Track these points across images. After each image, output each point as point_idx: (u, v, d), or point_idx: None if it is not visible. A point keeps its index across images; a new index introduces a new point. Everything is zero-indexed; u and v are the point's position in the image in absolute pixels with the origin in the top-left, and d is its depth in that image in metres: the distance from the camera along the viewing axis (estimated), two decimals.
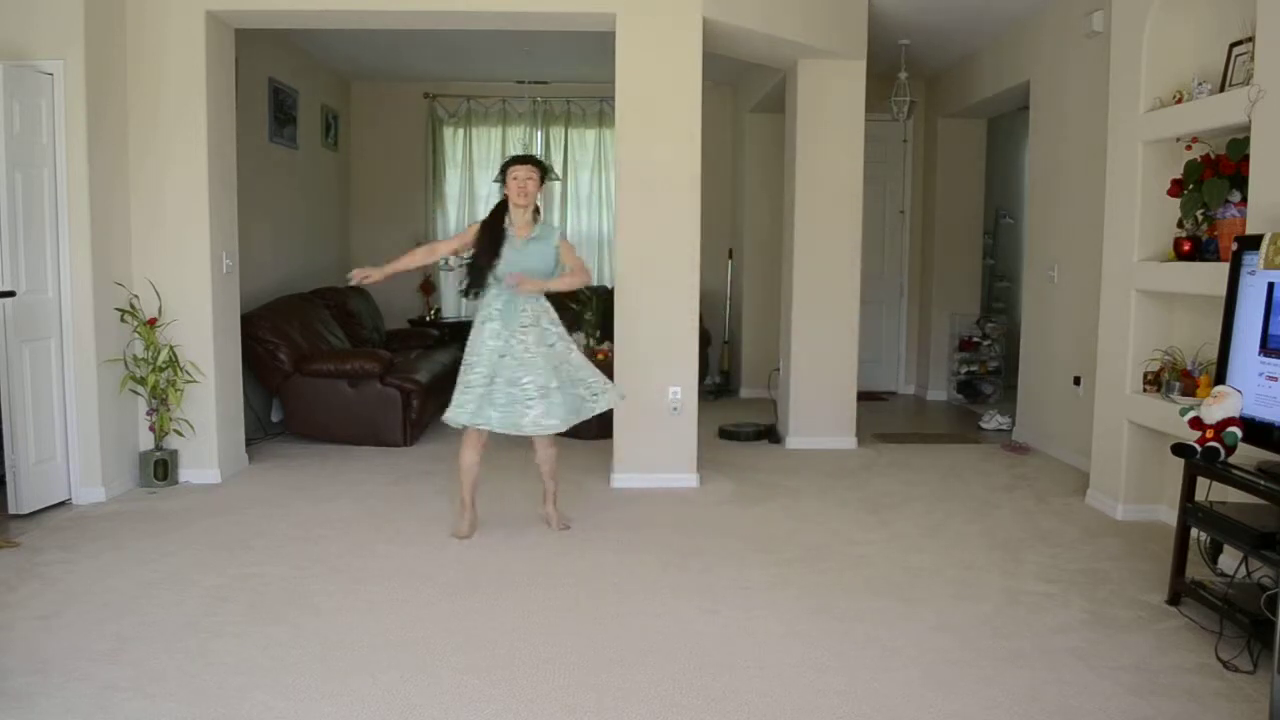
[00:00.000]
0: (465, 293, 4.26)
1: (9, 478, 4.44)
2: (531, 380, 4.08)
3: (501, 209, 4.26)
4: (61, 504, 4.64)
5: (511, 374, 4.09)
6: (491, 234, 4.20)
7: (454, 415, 4.14)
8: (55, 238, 4.59)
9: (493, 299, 4.17)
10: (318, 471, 5.42)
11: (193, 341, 5.05)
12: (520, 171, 4.18)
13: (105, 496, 4.75)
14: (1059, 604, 3.51)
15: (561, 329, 4.26)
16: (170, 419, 5.00)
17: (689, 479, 5.20)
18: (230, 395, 5.33)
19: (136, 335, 4.93)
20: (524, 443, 6.28)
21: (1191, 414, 3.38)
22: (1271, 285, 3.26)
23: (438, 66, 8.07)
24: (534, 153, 4.24)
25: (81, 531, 4.26)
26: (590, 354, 6.52)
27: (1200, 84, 4.12)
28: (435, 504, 4.81)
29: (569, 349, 4.24)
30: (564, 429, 4.16)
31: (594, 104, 8.67)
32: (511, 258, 4.15)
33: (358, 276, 4.18)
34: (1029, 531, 4.42)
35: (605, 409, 4.33)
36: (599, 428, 6.18)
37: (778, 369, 6.55)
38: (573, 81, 8.47)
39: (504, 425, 4.09)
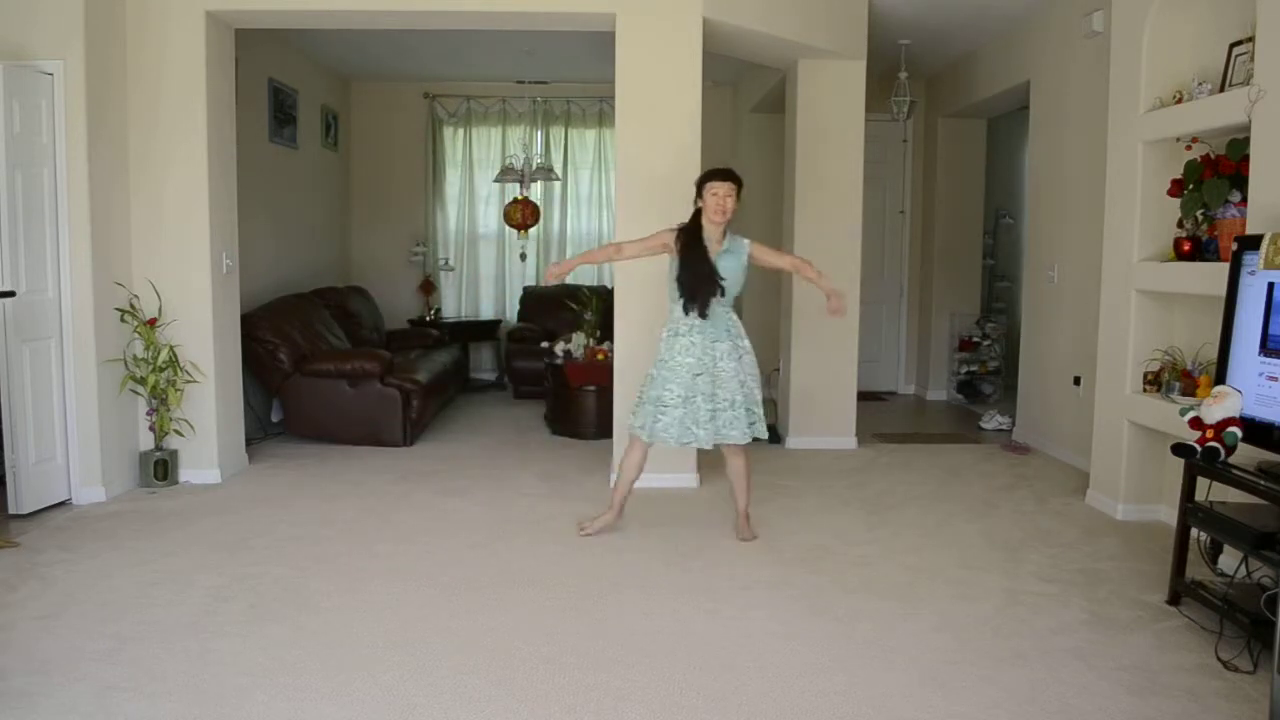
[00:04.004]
0: (687, 310, 4.06)
1: (9, 478, 4.44)
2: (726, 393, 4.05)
3: (697, 221, 4.12)
4: (61, 504, 4.64)
5: (710, 388, 4.04)
6: (697, 249, 4.06)
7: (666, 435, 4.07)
8: (55, 238, 4.59)
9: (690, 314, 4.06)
10: (318, 472, 5.42)
11: (193, 341, 5.05)
12: (720, 188, 4.06)
13: (105, 496, 4.75)
14: (1059, 604, 3.51)
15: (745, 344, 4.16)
16: (170, 419, 5.00)
17: (689, 479, 5.19)
18: (230, 395, 5.33)
19: (136, 335, 4.93)
20: (524, 441, 6.37)
21: (1191, 414, 3.39)
22: (1271, 285, 3.26)
23: (438, 66, 8.07)
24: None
25: (81, 531, 4.26)
26: (591, 354, 6.53)
27: (1200, 84, 4.12)
28: (435, 504, 4.81)
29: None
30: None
31: (594, 104, 8.68)
32: None
33: (551, 275, 4.19)
34: (1029, 531, 4.42)
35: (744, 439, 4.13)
36: (598, 428, 6.21)
37: (778, 369, 6.55)
38: (573, 81, 8.47)
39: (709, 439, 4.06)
